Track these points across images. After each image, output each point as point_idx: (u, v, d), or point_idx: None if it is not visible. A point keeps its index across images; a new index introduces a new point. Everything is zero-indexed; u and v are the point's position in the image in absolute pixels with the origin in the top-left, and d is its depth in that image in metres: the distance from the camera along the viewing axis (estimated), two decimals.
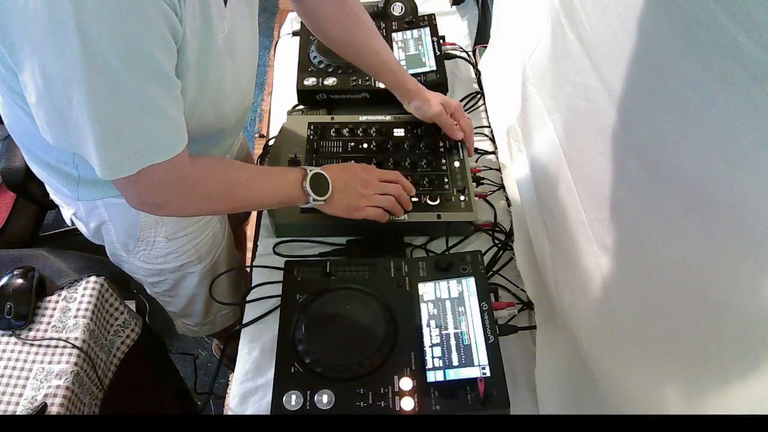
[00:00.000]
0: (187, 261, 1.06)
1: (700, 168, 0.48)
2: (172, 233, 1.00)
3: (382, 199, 0.94)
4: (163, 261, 1.04)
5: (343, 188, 0.92)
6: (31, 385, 0.90)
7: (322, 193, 0.90)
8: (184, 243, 1.03)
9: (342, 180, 0.93)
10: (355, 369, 0.77)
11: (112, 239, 1.01)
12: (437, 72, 1.21)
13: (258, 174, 0.90)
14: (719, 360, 0.49)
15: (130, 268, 1.08)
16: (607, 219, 0.66)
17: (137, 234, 0.98)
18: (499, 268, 1.00)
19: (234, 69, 0.84)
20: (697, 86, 0.46)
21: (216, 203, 0.85)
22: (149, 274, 1.07)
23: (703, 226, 0.48)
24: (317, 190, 0.89)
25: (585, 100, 0.70)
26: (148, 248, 1.01)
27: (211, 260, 1.10)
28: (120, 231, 0.98)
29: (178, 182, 0.76)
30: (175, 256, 1.04)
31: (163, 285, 1.11)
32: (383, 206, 0.94)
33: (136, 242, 1.00)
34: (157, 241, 1.00)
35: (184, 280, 1.10)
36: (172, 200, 0.79)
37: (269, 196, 0.90)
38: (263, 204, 0.95)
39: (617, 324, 0.66)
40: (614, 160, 0.63)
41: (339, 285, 0.88)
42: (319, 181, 0.90)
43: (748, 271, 0.44)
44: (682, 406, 0.54)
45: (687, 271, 0.52)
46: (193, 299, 1.15)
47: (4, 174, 1.36)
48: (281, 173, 0.91)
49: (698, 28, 0.45)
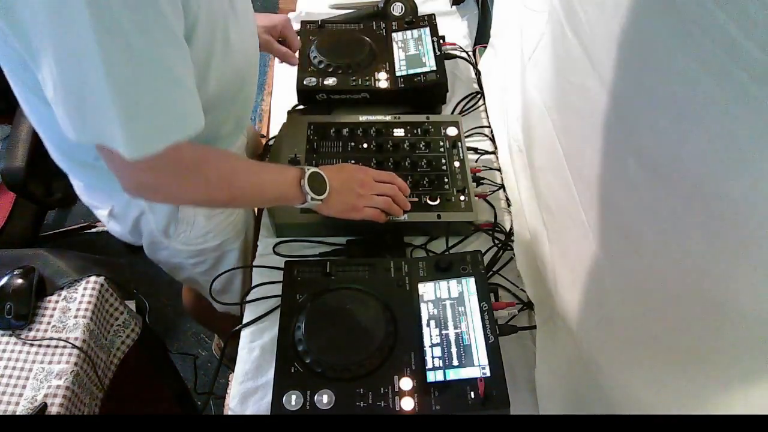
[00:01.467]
0: (226, 238, 1.08)
1: (699, 168, 0.48)
2: (210, 211, 1.02)
3: (378, 200, 0.95)
4: (203, 240, 1.05)
5: (340, 188, 0.92)
6: (31, 385, 0.90)
7: (320, 192, 0.90)
8: (221, 220, 1.05)
9: (339, 180, 0.93)
10: (355, 369, 0.77)
11: (151, 228, 1.01)
12: (437, 72, 1.21)
13: (258, 166, 0.91)
14: (719, 360, 0.49)
15: (169, 254, 1.08)
16: (607, 219, 0.66)
17: (177, 216, 0.99)
18: (499, 268, 1.00)
19: (237, 26, 0.84)
20: (696, 86, 0.46)
21: (214, 190, 0.83)
22: (190, 255, 1.08)
23: (702, 225, 0.48)
24: (315, 189, 0.89)
25: (585, 100, 0.70)
26: (189, 229, 1.02)
27: (246, 235, 1.13)
28: (160, 217, 0.99)
29: (175, 164, 0.75)
30: (214, 234, 1.05)
31: (204, 265, 1.12)
32: (380, 207, 0.95)
33: (177, 224, 1.01)
34: (197, 221, 1.02)
35: (225, 257, 1.12)
36: (170, 183, 0.78)
37: (268, 190, 0.90)
38: (262, 198, 0.94)
39: (617, 324, 0.66)
40: (614, 160, 0.63)
41: (339, 285, 0.88)
42: (316, 180, 0.90)
43: (748, 270, 0.44)
44: (682, 405, 0.54)
45: (686, 271, 0.52)
46: (233, 276, 1.16)
47: (4, 174, 1.36)
48: (280, 169, 0.92)
49: (698, 28, 0.45)
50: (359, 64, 1.23)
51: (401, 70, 1.22)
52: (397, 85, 1.20)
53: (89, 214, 2.17)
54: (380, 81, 1.20)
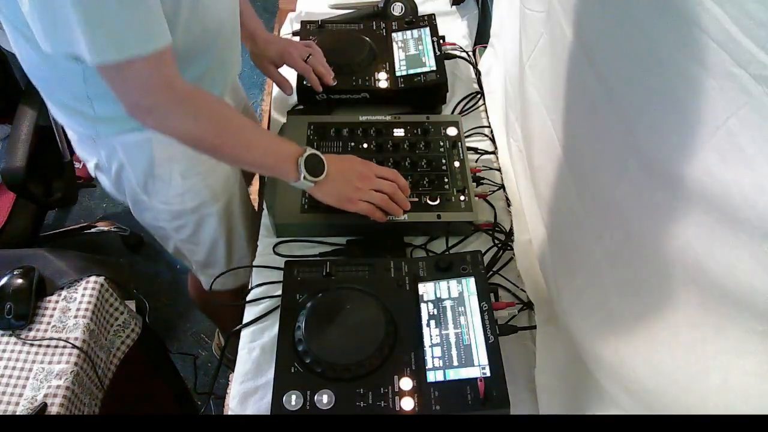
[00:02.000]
0: (203, 201, 1.10)
1: (699, 167, 0.48)
2: (185, 170, 1.04)
3: (376, 196, 0.94)
4: (180, 201, 1.08)
5: (338, 176, 0.92)
6: (31, 385, 0.90)
7: (315, 174, 0.90)
8: (198, 181, 1.07)
9: (338, 168, 0.93)
10: (355, 369, 0.77)
11: (132, 185, 1.05)
12: (437, 72, 1.21)
13: (256, 128, 0.92)
14: (720, 359, 0.49)
15: (153, 216, 1.12)
16: (607, 218, 0.66)
17: (153, 171, 1.02)
18: (499, 268, 1.00)
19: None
20: (696, 85, 0.46)
21: (203, 129, 0.85)
22: (171, 217, 1.11)
23: (703, 225, 0.48)
24: (311, 170, 0.89)
25: (585, 100, 0.70)
26: (166, 186, 1.05)
27: (226, 201, 1.14)
28: (138, 171, 1.03)
29: (166, 88, 0.79)
30: (191, 195, 1.08)
31: (186, 230, 1.15)
32: (376, 203, 0.94)
33: (154, 180, 1.04)
34: (173, 178, 1.04)
35: (204, 223, 1.14)
36: (160, 107, 0.81)
37: (260, 153, 0.90)
38: (251, 158, 0.92)
39: (617, 324, 0.66)
40: (614, 160, 0.63)
41: (339, 285, 0.88)
42: (315, 162, 0.90)
43: (748, 270, 0.44)
44: (683, 405, 0.54)
45: (687, 269, 0.52)
46: (215, 244, 1.19)
47: (4, 174, 1.36)
48: (280, 140, 0.93)
49: (698, 28, 0.45)
50: (359, 64, 1.23)
51: (401, 70, 1.22)
52: (397, 85, 1.20)
53: (89, 214, 2.18)
54: (380, 81, 1.20)
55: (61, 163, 1.55)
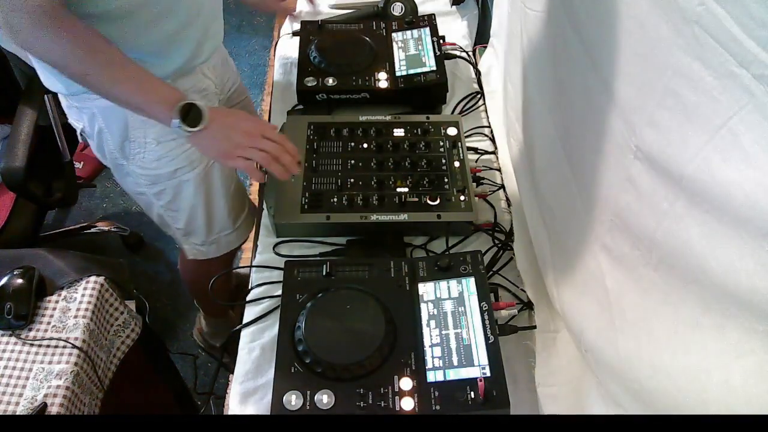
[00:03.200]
0: (179, 166, 1.12)
1: (700, 167, 0.48)
2: (160, 135, 1.07)
3: (257, 154, 0.92)
4: (157, 165, 1.11)
5: (219, 131, 0.92)
6: (31, 385, 0.90)
7: (192, 124, 0.89)
8: (174, 147, 1.09)
9: (222, 123, 0.92)
10: (355, 369, 0.77)
11: (111, 148, 1.10)
12: (437, 72, 1.21)
13: (132, 66, 0.89)
14: (720, 359, 0.49)
15: (134, 181, 1.16)
16: (607, 219, 0.66)
17: (128, 134, 1.06)
18: (499, 268, 1.00)
19: None
20: (697, 85, 0.46)
21: (65, 54, 0.86)
22: (149, 182, 1.15)
23: (703, 225, 0.48)
24: (187, 119, 0.89)
25: (585, 100, 0.70)
26: (142, 150, 1.09)
27: (204, 168, 1.15)
28: (114, 135, 1.07)
29: (37, 9, 0.80)
30: (167, 160, 1.11)
31: (165, 196, 1.18)
32: (258, 161, 0.93)
33: (130, 144, 1.08)
34: (148, 143, 1.08)
35: (182, 189, 1.17)
36: (24, 26, 0.81)
37: (129, 89, 0.90)
38: (119, 92, 0.91)
39: (617, 324, 0.66)
40: (614, 160, 0.63)
41: (339, 285, 0.88)
42: (193, 112, 0.89)
43: (749, 269, 0.44)
44: (683, 405, 0.54)
45: (687, 269, 0.52)
46: (194, 212, 1.21)
47: (4, 174, 1.36)
48: (160, 84, 0.91)
49: (698, 27, 0.45)
50: (359, 64, 1.23)
51: (401, 70, 1.22)
52: (397, 85, 1.20)
53: (89, 214, 2.18)
54: (380, 81, 1.20)
55: (61, 163, 1.55)
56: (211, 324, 1.68)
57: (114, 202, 2.22)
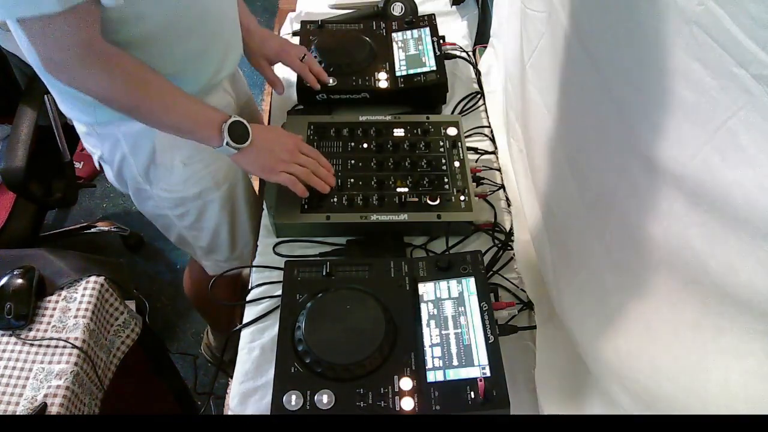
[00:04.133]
0: (205, 187, 1.10)
1: (700, 167, 0.48)
2: (187, 158, 1.05)
3: (299, 169, 0.96)
4: (183, 188, 1.09)
5: (263, 147, 0.94)
6: (31, 385, 0.90)
7: (240, 141, 0.91)
8: (200, 168, 1.07)
9: (264, 139, 0.94)
10: (355, 369, 0.77)
11: (134, 174, 1.06)
12: (437, 72, 1.21)
13: (178, 91, 0.90)
14: (720, 359, 0.49)
15: (155, 204, 1.12)
16: (608, 219, 0.66)
17: (155, 158, 1.03)
18: (499, 268, 1.00)
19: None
20: (697, 85, 0.46)
21: (117, 88, 0.85)
22: (173, 204, 1.12)
23: (703, 225, 0.48)
24: (235, 137, 0.90)
25: (585, 100, 0.70)
26: (168, 174, 1.06)
27: (229, 187, 1.14)
28: (139, 160, 1.04)
29: (83, 45, 0.78)
30: (193, 181, 1.08)
31: (189, 217, 1.15)
32: (299, 175, 0.96)
33: (156, 168, 1.05)
34: (175, 165, 1.05)
35: (206, 209, 1.14)
36: (74, 64, 0.80)
37: (179, 116, 0.90)
38: (170, 121, 0.92)
39: (617, 324, 0.66)
40: (614, 160, 0.63)
41: (339, 285, 0.88)
42: (239, 129, 0.91)
43: (749, 269, 0.44)
44: (683, 405, 0.54)
45: (688, 269, 0.52)
46: (218, 230, 1.19)
47: (4, 174, 1.36)
48: (204, 106, 0.92)
49: (698, 27, 0.45)
50: (359, 64, 1.23)
51: (401, 70, 1.22)
52: (397, 85, 1.20)
53: (89, 214, 2.18)
54: (380, 81, 1.20)
55: (61, 163, 1.55)
56: (219, 339, 1.67)
57: (114, 202, 2.23)
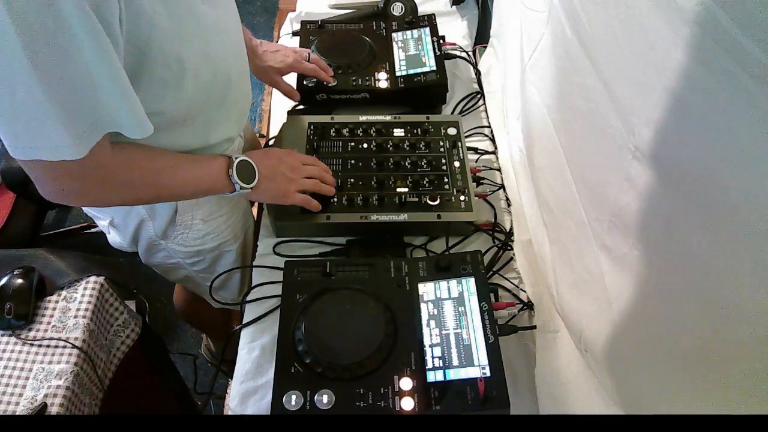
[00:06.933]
0: (224, 240, 1.09)
1: (700, 168, 0.48)
2: (208, 215, 1.03)
3: (308, 183, 0.96)
4: (201, 242, 1.06)
5: (271, 175, 0.93)
6: (31, 385, 0.90)
7: (249, 180, 0.90)
8: (220, 224, 1.06)
9: (268, 167, 0.93)
10: (355, 369, 0.77)
11: (150, 234, 1.04)
12: (437, 72, 1.21)
13: (183, 160, 0.88)
14: (720, 360, 0.49)
15: (166, 255, 1.09)
16: (607, 219, 0.66)
17: (176, 219, 1.01)
18: (499, 268, 1.00)
19: (216, 18, 0.83)
20: (697, 85, 0.46)
21: (139, 190, 0.84)
22: (188, 256, 1.09)
23: (703, 225, 0.48)
24: (244, 177, 0.89)
25: (585, 100, 0.70)
26: (186, 231, 1.03)
27: (245, 237, 1.13)
28: (159, 223, 1.01)
29: (97, 168, 0.74)
30: (212, 236, 1.06)
31: (202, 264, 1.13)
32: (310, 189, 0.96)
33: (174, 228, 1.02)
34: (194, 223, 1.03)
35: (222, 258, 1.12)
36: (92, 189, 0.78)
37: (195, 183, 0.89)
38: (189, 192, 0.91)
39: (617, 324, 0.66)
40: (614, 160, 0.63)
41: (339, 285, 0.88)
42: (245, 168, 0.90)
43: (749, 270, 0.44)
44: (683, 405, 0.54)
45: (687, 269, 0.52)
46: (231, 275, 1.17)
47: (4, 174, 1.37)
48: (207, 161, 0.90)
49: (698, 28, 0.45)
50: (359, 64, 1.23)
51: (401, 70, 1.22)
52: (397, 85, 1.20)
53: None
54: (380, 81, 1.20)
55: None
56: (217, 344, 1.67)
57: None
